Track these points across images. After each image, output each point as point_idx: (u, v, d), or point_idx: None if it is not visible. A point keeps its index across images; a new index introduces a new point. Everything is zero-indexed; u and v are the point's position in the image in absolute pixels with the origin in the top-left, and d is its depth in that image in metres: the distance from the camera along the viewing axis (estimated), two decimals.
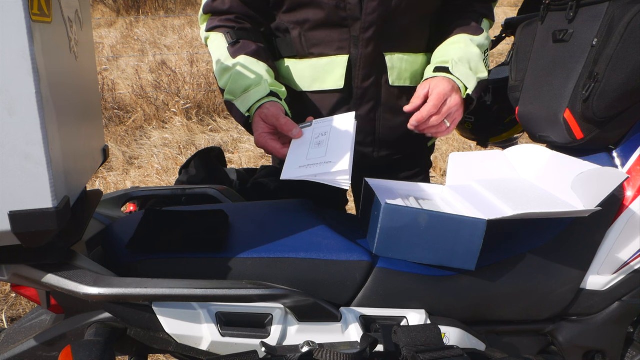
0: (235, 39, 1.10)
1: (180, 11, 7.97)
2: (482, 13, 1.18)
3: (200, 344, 0.80)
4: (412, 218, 0.86)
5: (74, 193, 0.71)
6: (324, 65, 1.14)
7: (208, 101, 4.43)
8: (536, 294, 0.96)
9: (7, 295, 2.09)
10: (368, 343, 0.78)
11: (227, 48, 1.10)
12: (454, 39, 1.15)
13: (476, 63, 1.12)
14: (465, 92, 1.09)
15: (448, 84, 1.07)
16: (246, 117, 1.05)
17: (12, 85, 0.55)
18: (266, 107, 1.02)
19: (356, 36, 1.10)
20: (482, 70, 1.12)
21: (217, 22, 1.14)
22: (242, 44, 1.10)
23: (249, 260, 0.85)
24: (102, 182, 3.25)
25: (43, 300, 0.81)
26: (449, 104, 1.07)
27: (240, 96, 1.06)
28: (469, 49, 1.12)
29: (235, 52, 1.09)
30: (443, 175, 3.10)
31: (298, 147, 0.99)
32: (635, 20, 0.89)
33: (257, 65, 1.08)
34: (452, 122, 1.09)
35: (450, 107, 1.07)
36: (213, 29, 1.14)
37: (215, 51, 1.13)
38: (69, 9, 0.72)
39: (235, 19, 1.13)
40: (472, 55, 1.11)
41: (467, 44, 1.13)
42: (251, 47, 1.10)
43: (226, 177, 1.26)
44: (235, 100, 1.07)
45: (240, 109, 1.06)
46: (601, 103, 0.93)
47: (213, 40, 1.14)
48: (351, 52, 1.12)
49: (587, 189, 0.88)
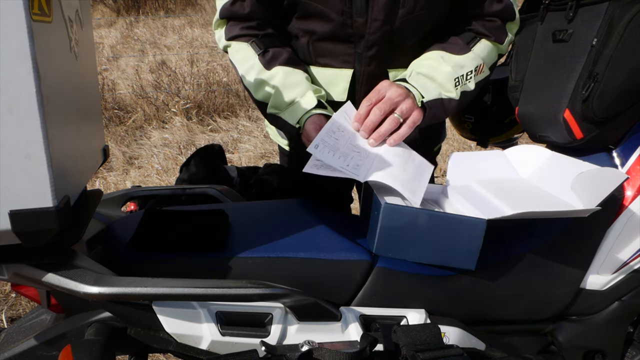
0: (263, 49, 1.08)
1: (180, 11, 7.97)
2: (480, 32, 1.11)
3: (200, 343, 0.80)
4: (412, 218, 0.86)
5: (74, 192, 0.71)
6: (329, 76, 1.15)
7: (208, 101, 4.42)
8: (536, 294, 0.96)
9: (7, 295, 2.09)
10: (368, 342, 0.78)
11: (258, 59, 1.08)
12: (428, 54, 1.11)
13: (442, 81, 1.05)
14: (420, 100, 1.03)
15: (398, 88, 1.01)
16: (297, 128, 1.05)
17: (13, 85, 0.55)
18: (316, 118, 1.03)
19: (360, 53, 1.10)
20: (448, 90, 1.06)
21: (239, 30, 1.11)
22: (272, 53, 1.09)
23: (249, 260, 0.85)
24: (102, 182, 3.25)
25: (43, 300, 0.81)
26: (391, 96, 0.99)
27: (286, 109, 1.06)
28: (439, 66, 1.07)
29: (269, 64, 1.08)
30: (443, 175, 3.10)
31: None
32: (635, 20, 0.89)
33: (295, 75, 1.08)
34: (404, 118, 1.00)
35: (394, 100, 0.99)
36: (235, 37, 1.12)
37: (242, 62, 1.11)
38: (69, 9, 0.72)
39: (257, 26, 1.11)
40: (439, 73, 1.06)
41: (438, 61, 1.07)
42: (283, 56, 1.09)
43: (226, 175, 1.27)
44: (281, 113, 1.07)
45: (289, 121, 1.05)
46: (601, 103, 0.93)
47: (237, 50, 1.12)
48: (355, 67, 1.12)
49: (587, 189, 0.88)
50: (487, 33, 1.11)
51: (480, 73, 1.11)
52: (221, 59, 5.34)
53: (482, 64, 1.10)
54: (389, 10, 1.05)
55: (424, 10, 1.06)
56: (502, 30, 1.13)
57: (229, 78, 4.81)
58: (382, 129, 1.00)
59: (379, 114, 0.99)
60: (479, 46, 1.10)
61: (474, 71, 1.09)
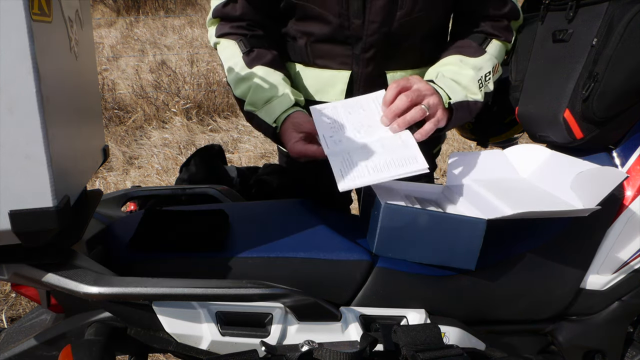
0: (249, 48, 1.10)
1: (180, 11, 7.97)
2: (490, 33, 1.12)
3: (200, 343, 0.80)
4: (412, 218, 0.86)
5: (74, 192, 0.71)
6: (327, 77, 1.15)
7: (208, 101, 4.42)
8: (536, 294, 0.96)
9: (7, 295, 2.09)
10: (368, 342, 0.78)
11: (242, 57, 1.10)
12: (446, 60, 1.11)
13: (467, 84, 1.06)
14: (447, 101, 1.03)
15: (427, 83, 1.01)
16: (273, 127, 1.05)
17: (13, 85, 0.55)
18: (294, 116, 1.03)
19: (357, 55, 1.11)
20: (474, 92, 1.07)
21: (229, 28, 1.13)
22: (256, 52, 1.10)
23: (249, 260, 0.85)
24: (102, 182, 3.25)
25: (43, 300, 0.81)
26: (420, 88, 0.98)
27: (262, 107, 1.07)
28: (461, 70, 1.07)
29: (251, 62, 1.09)
30: (443, 175, 3.10)
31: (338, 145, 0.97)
32: (635, 20, 0.89)
33: (274, 75, 1.08)
34: (431, 113, 0.99)
35: (422, 92, 0.98)
36: (224, 35, 1.13)
37: (228, 59, 1.12)
38: (69, 9, 0.72)
39: (247, 26, 1.12)
40: (463, 76, 1.06)
41: (459, 65, 1.08)
42: (267, 57, 1.10)
43: (226, 175, 1.27)
44: (257, 111, 1.07)
45: (265, 119, 1.06)
46: (601, 103, 0.93)
47: (224, 47, 1.14)
48: (353, 68, 1.13)
49: (586, 189, 0.88)
50: (497, 33, 1.13)
51: (496, 73, 1.12)
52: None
53: (497, 64, 1.12)
54: (387, 12, 1.05)
55: (422, 12, 1.07)
56: (509, 30, 1.15)
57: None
58: (408, 116, 0.97)
59: (406, 100, 0.97)
60: (492, 47, 1.12)
61: (492, 72, 1.10)
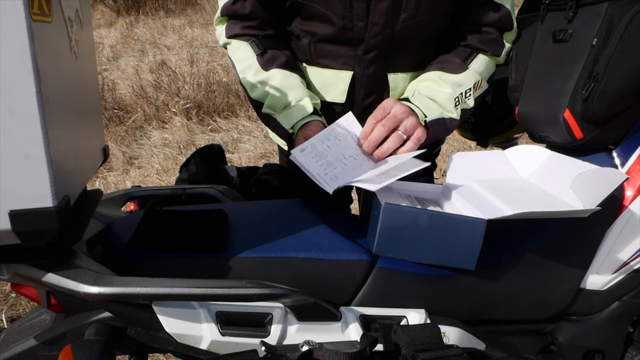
0: (262, 49, 1.10)
1: (180, 11, 7.96)
2: (476, 47, 1.11)
3: (200, 343, 0.80)
4: (412, 218, 0.86)
5: (74, 192, 0.71)
6: (329, 77, 1.15)
7: (208, 101, 4.42)
8: (536, 294, 0.96)
9: (7, 295, 2.09)
10: (368, 342, 0.78)
11: (256, 59, 1.10)
12: (425, 75, 1.12)
13: (443, 102, 1.07)
14: (423, 119, 1.04)
15: (402, 106, 1.03)
16: (290, 133, 1.06)
17: (13, 85, 0.55)
18: (310, 127, 1.05)
19: (360, 56, 1.11)
20: (449, 110, 1.08)
21: (239, 29, 1.12)
22: (270, 54, 1.10)
23: (249, 260, 0.85)
24: (102, 182, 3.25)
25: (43, 300, 0.81)
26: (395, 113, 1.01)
27: (281, 112, 1.07)
28: (439, 87, 1.08)
29: (267, 65, 1.09)
30: (443, 175, 3.10)
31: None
32: (634, 20, 0.89)
33: (291, 79, 1.09)
34: (408, 135, 1.02)
35: (398, 117, 1.01)
36: (235, 36, 1.13)
37: (240, 60, 1.13)
38: (69, 9, 0.72)
39: (257, 26, 1.12)
40: (439, 94, 1.07)
41: (437, 82, 1.08)
42: (281, 58, 1.10)
43: (226, 175, 1.27)
44: (276, 115, 1.08)
45: (283, 124, 1.07)
46: (601, 103, 0.93)
47: (236, 48, 1.13)
48: (355, 69, 1.13)
49: (586, 189, 0.88)
50: (484, 48, 1.12)
51: (478, 89, 1.12)
52: (221, 59, 5.34)
53: (480, 80, 1.12)
54: (390, 15, 1.05)
55: (424, 15, 1.07)
56: (499, 43, 1.13)
57: (229, 78, 4.81)
58: (385, 146, 1.02)
59: (383, 130, 1.01)
60: (476, 62, 1.11)
61: (473, 88, 1.10)
